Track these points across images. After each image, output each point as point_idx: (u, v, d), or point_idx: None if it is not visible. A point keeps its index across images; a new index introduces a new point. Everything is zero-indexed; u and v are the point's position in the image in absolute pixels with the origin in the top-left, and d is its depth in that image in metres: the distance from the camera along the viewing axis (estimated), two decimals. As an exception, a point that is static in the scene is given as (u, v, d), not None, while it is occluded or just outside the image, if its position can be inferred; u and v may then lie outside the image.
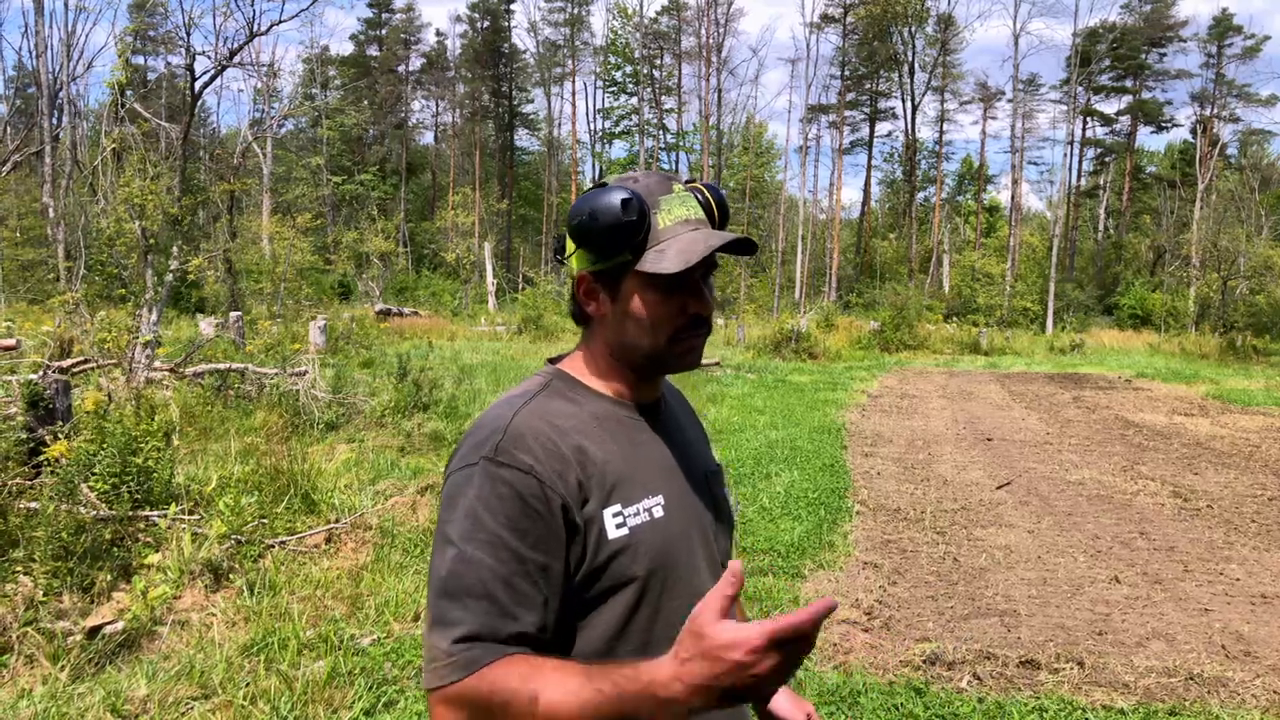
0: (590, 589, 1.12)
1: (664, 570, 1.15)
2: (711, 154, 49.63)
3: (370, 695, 3.37)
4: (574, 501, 1.09)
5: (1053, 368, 22.71)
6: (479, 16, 56.03)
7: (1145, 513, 6.91)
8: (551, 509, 1.07)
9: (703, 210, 1.23)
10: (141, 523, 4.62)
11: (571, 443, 1.12)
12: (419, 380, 9.77)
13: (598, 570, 1.11)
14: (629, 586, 1.13)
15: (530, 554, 1.05)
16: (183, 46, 25.52)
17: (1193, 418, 12.73)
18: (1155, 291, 40.73)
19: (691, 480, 1.26)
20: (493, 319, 29.44)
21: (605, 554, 1.11)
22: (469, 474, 1.09)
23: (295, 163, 45.71)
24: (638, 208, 1.14)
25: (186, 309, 26.02)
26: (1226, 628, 4.44)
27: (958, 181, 59.86)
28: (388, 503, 5.89)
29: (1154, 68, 51.12)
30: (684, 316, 1.18)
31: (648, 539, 1.14)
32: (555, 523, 1.08)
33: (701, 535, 1.24)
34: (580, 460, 1.12)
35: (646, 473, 1.19)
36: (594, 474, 1.12)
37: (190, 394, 8.58)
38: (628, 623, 1.13)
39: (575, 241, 1.19)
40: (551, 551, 1.07)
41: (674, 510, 1.20)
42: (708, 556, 1.24)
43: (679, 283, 1.17)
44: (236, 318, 15.48)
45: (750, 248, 1.19)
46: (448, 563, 1.05)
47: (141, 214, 9.51)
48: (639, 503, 1.15)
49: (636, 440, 1.21)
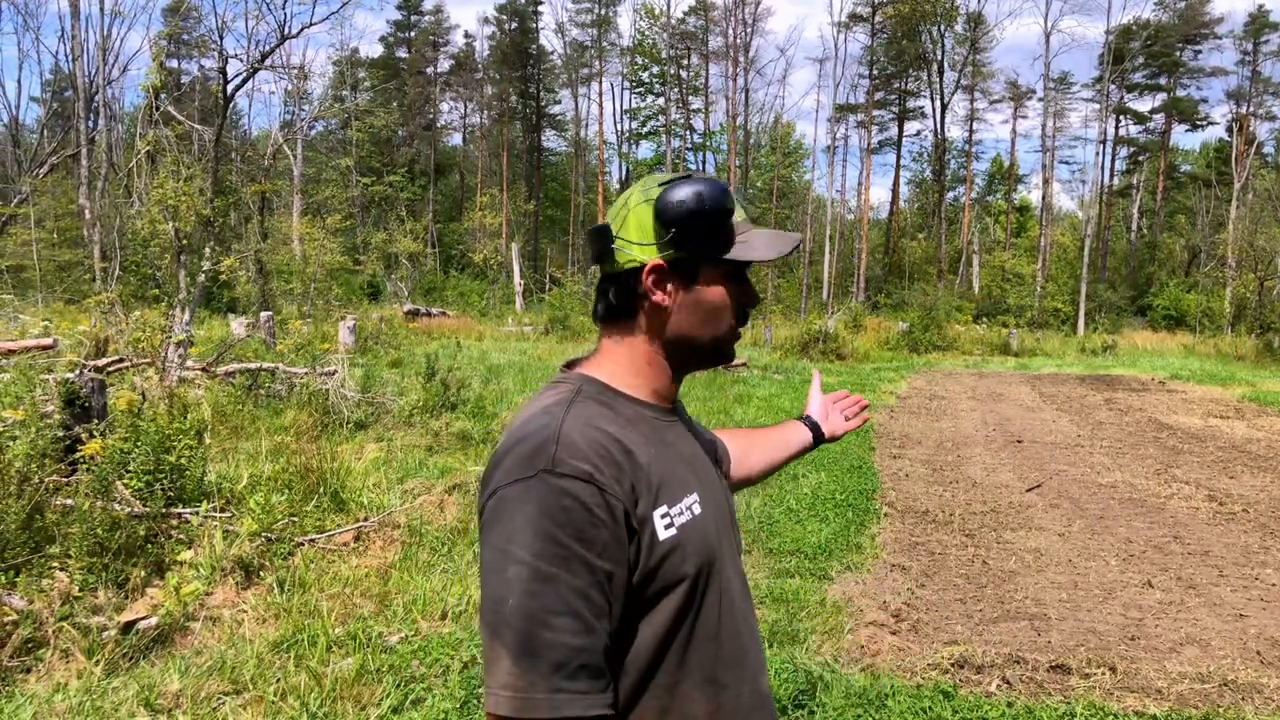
0: (644, 592, 1.11)
1: (708, 566, 1.17)
2: (739, 154, 49.52)
3: (398, 693, 3.39)
4: (631, 505, 1.09)
5: (1084, 369, 22.43)
6: (507, 18, 56.28)
7: (1179, 516, 6.81)
8: (615, 515, 1.07)
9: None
10: (174, 520, 4.69)
11: (621, 447, 1.12)
12: (447, 380, 9.83)
13: (650, 572, 1.11)
14: (680, 586, 1.12)
15: (600, 563, 1.05)
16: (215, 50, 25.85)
17: (1228, 420, 12.52)
18: (1190, 292, 40.10)
19: (710, 475, 1.30)
20: (520, 319, 29.54)
21: (657, 556, 1.11)
22: (527, 487, 1.06)
23: (325, 164, 46.15)
24: (730, 204, 1.22)
25: (218, 309, 26.35)
26: (1262, 633, 4.36)
27: (988, 181, 59.32)
28: (415, 502, 5.93)
29: (1188, 65, 50.33)
30: (742, 308, 1.26)
31: (693, 537, 1.15)
32: (620, 529, 1.07)
33: (728, 526, 1.28)
34: (630, 463, 1.11)
35: (681, 471, 1.20)
36: (642, 476, 1.12)
37: (222, 393, 8.69)
38: (677, 623, 1.13)
39: (671, 227, 1.18)
40: (617, 559, 1.07)
41: (708, 505, 1.22)
42: (729, 549, 1.26)
43: (744, 275, 1.26)
44: (267, 318, 15.65)
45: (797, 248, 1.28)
46: (524, 582, 1.02)
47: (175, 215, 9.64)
48: (681, 502, 1.16)
49: (667, 440, 1.22)
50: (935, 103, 50.84)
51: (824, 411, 1.85)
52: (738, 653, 1.21)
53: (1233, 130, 47.08)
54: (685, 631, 1.14)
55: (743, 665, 1.22)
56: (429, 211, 50.01)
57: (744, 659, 1.22)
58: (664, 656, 1.13)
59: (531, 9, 55.96)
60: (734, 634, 1.21)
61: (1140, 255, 48.19)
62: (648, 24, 52.07)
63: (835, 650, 4.03)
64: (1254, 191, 39.52)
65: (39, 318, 15.15)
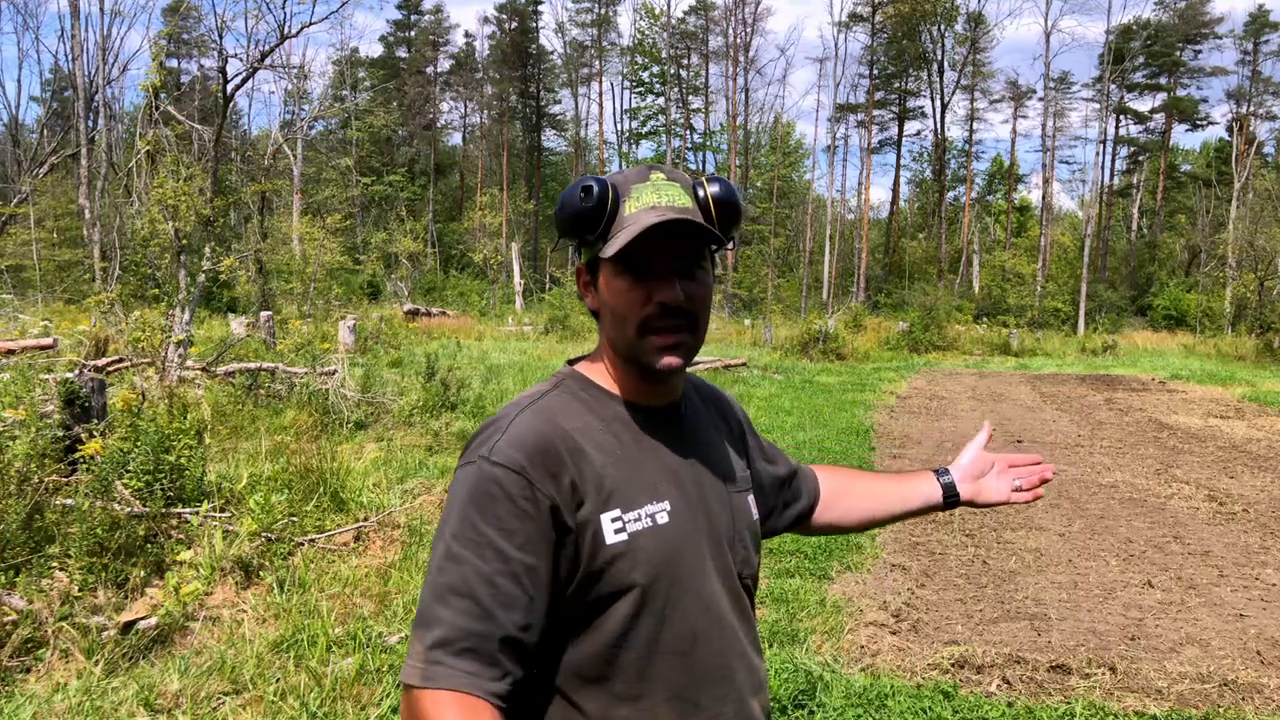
0: (588, 594, 1.11)
1: (668, 578, 1.14)
2: (739, 154, 49.53)
3: (398, 693, 3.39)
4: (565, 503, 1.09)
5: (1084, 369, 22.43)
6: (507, 18, 56.28)
7: (1179, 516, 6.81)
8: (539, 509, 1.07)
9: (693, 201, 1.18)
10: (174, 520, 4.68)
11: (570, 444, 1.12)
12: (447, 380, 9.83)
13: (594, 575, 1.10)
14: (629, 594, 1.11)
15: (516, 554, 1.05)
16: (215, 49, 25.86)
17: (1228, 420, 12.52)
18: (1190, 292, 40.11)
19: (704, 487, 1.22)
20: (520, 319, 29.55)
21: (602, 559, 1.10)
22: (467, 472, 1.10)
23: (325, 164, 46.18)
24: (599, 195, 1.13)
25: (218, 309, 26.35)
26: (1262, 634, 4.36)
27: (988, 181, 59.31)
28: (415, 501, 5.93)
29: (1189, 65, 50.35)
30: (652, 305, 1.13)
31: (649, 545, 1.12)
32: (544, 524, 1.07)
33: (713, 543, 1.20)
34: (577, 462, 1.11)
35: (652, 478, 1.16)
36: (590, 477, 1.11)
37: (222, 393, 8.69)
38: (629, 630, 1.12)
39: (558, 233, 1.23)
40: (539, 552, 1.07)
41: (681, 517, 1.17)
42: (720, 566, 1.20)
43: (645, 269, 1.13)
44: (267, 317, 15.65)
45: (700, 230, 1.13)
46: (438, 559, 1.07)
47: (175, 215, 9.64)
48: (641, 508, 1.13)
49: (644, 444, 1.19)
50: (935, 102, 50.92)
51: (976, 469, 1.59)
52: (720, 672, 1.17)
53: (1233, 130, 47.08)
54: (643, 644, 1.12)
55: (726, 685, 1.17)
56: (429, 211, 50.03)
57: (728, 679, 1.18)
58: (619, 665, 1.11)
59: (531, 9, 55.98)
60: (715, 653, 1.17)
61: (1140, 255, 48.19)
62: (648, 24, 52.13)
63: (835, 650, 4.03)
64: (1254, 191, 39.52)
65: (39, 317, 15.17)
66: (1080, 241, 43.41)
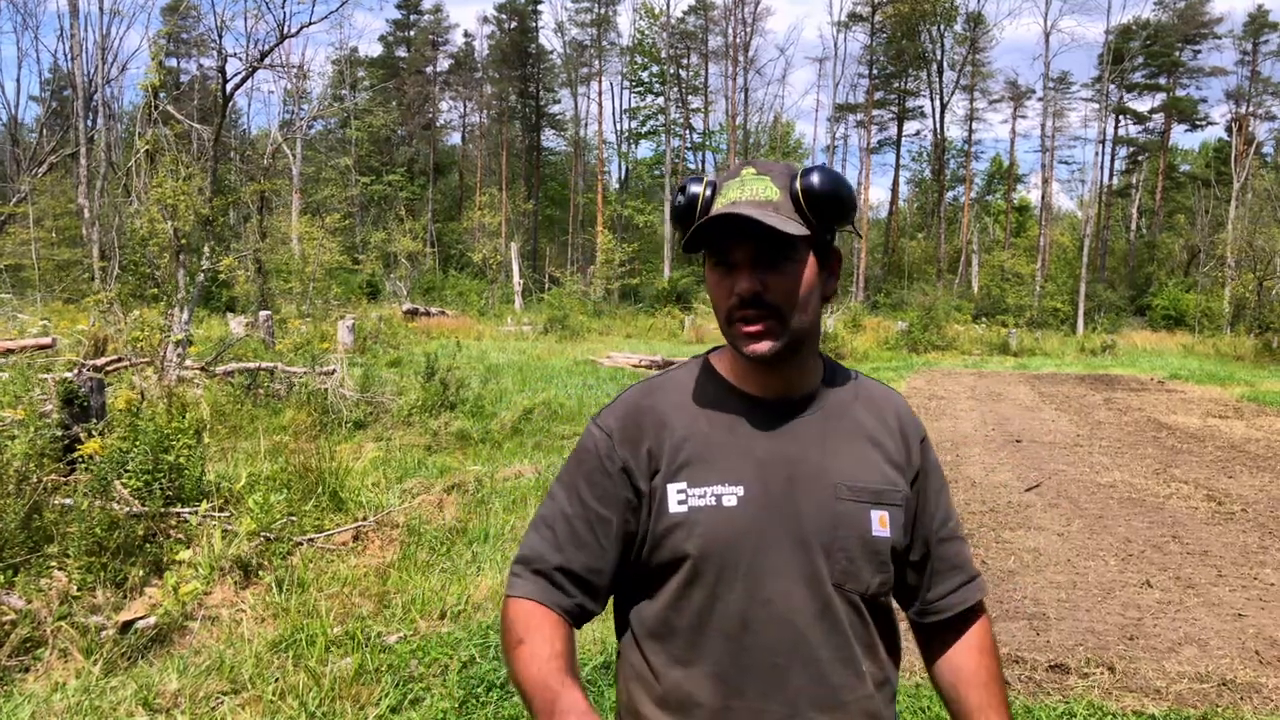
0: (653, 558, 1.22)
1: (720, 558, 1.18)
2: (738, 154, 49.52)
3: (397, 692, 3.39)
4: (639, 469, 1.22)
5: (1083, 369, 22.43)
6: (506, 17, 56.23)
7: (1178, 516, 6.81)
8: (614, 469, 1.23)
9: (783, 193, 1.19)
10: (173, 519, 4.69)
11: (658, 418, 1.24)
12: (446, 379, 9.82)
13: (657, 539, 1.21)
14: (683, 564, 1.19)
15: (594, 504, 1.23)
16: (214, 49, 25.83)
17: (1227, 420, 12.52)
18: (1189, 292, 40.09)
19: (799, 485, 1.21)
20: (519, 319, 29.54)
21: (663, 525, 1.20)
22: (585, 429, 1.29)
23: (324, 163, 46.14)
24: (689, 194, 1.23)
25: (217, 308, 26.33)
26: (1260, 633, 4.36)
27: (987, 181, 59.29)
28: (414, 501, 5.93)
29: (1188, 65, 50.32)
30: (734, 296, 1.18)
31: (706, 522, 1.18)
32: (617, 482, 1.23)
33: (793, 541, 1.19)
34: (658, 434, 1.23)
35: (733, 461, 1.21)
36: (668, 449, 1.22)
37: (221, 392, 8.69)
38: (681, 598, 1.20)
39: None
40: (612, 507, 1.22)
41: (753, 505, 1.19)
42: (801, 566, 1.19)
43: (728, 261, 1.19)
44: (266, 317, 15.64)
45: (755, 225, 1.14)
46: (548, 494, 1.28)
47: (174, 214, 9.63)
48: (709, 486, 1.20)
49: (738, 430, 1.23)
50: (935, 102, 50.88)
51: None
52: (769, 670, 1.18)
53: (1232, 130, 47.08)
54: (694, 614, 1.20)
55: (775, 686, 1.18)
56: (428, 211, 49.98)
57: (779, 680, 1.18)
58: (675, 629, 1.21)
59: (531, 8, 55.94)
60: (766, 648, 1.18)
61: (1139, 255, 48.20)
62: (647, 23, 52.04)
63: (834, 650, 4.02)
64: (1253, 191, 39.52)
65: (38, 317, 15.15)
66: (1079, 241, 43.42)
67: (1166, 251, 47.01)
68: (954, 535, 1.34)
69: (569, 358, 18.19)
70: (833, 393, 1.29)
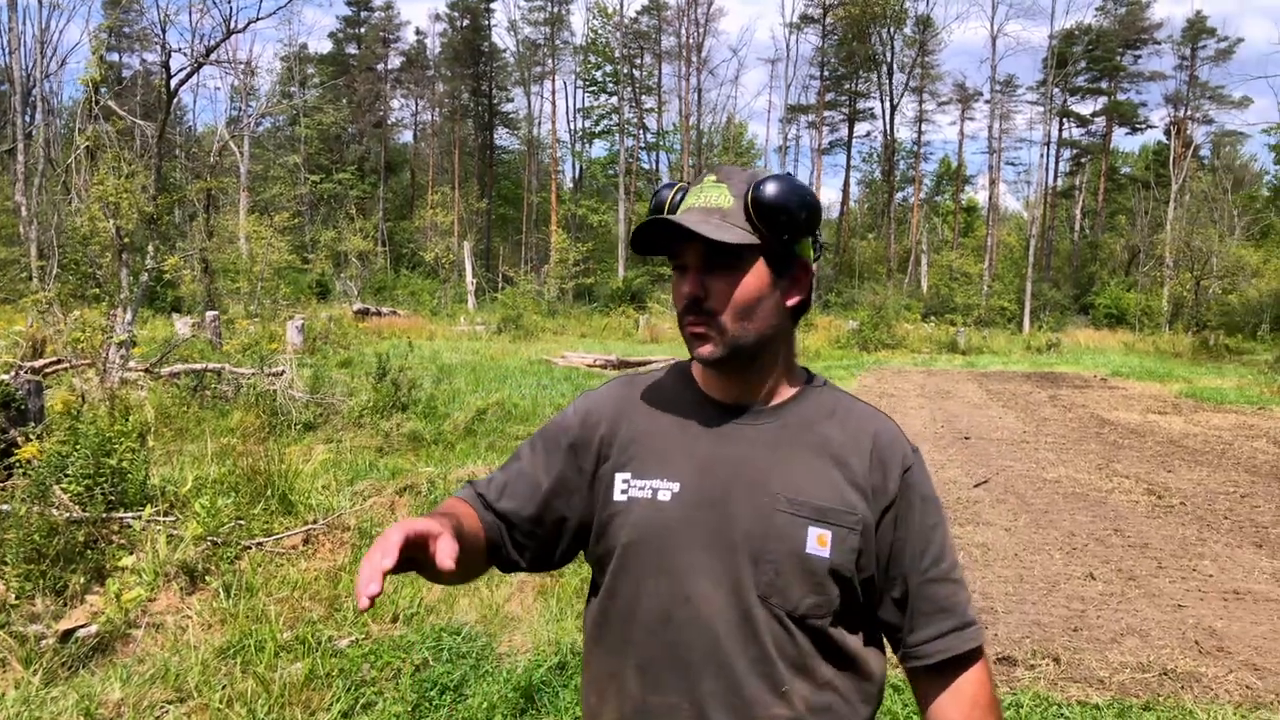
0: (597, 548, 1.27)
1: (643, 550, 1.20)
2: (692, 154, 49.68)
3: (348, 697, 3.35)
4: (589, 452, 1.29)
5: (1029, 366, 22.89)
6: (458, 15, 55.77)
7: (1120, 510, 6.98)
8: (564, 443, 1.31)
9: (735, 201, 1.20)
10: (115, 525, 4.57)
11: (619, 409, 1.31)
12: (398, 380, 9.71)
13: (601, 528, 1.26)
14: (615, 552, 1.23)
15: (536, 464, 1.31)
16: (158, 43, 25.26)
17: (1166, 416, 12.87)
18: (1130, 291, 41.14)
19: (735, 489, 1.19)
20: (472, 318, 29.34)
21: (606, 513, 1.25)
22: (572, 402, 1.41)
23: (273, 161, 45.37)
24: (655, 200, 1.29)
25: (162, 308, 25.79)
26: (1199, 623, 4.49)
27: (936, 181, 60.23)
28: (366, 503, 5.86)
29: (1129, 69, 51.62)
30: (682, 300, 1.22)
31: (639, 513, 1.21)
32: (562, 455, 1.30)
33: (722, 544, 1.17)
34: (615, 424, 1.29)
35: (675, 458, 1.23)
36: (621, 439, 1.27)
37: (166, 394, 8.51)
38: (614, 589, 1.24)
39: None
40: (550, 472, 1.30)
41: (685, 503, 1.19)
42: (723, 571, 1.17)
43: (682, 264, 1.23)
44: (213, 317, 15.34)
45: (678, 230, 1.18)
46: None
47: (116, 212, 9.42)
48: (648, 480, 1.23)
49: (689, 430, 1.25)
50: (885, 104, 51.54)
51: None
52: (684, 670, 1.17)
53: (1170, 133, 48.34)
54: (625, 605, 1.23)
55: (691, 687, 1.17)
56: (379, 209, 49.41)
57: (694, 681, 1.17)
58: (610, 622, 1.25)
59: (483, 6, 55.54)
60: (683, 646, 1.17)
61: (1083, 255, 49.30)
62: (601, 23, 51.99)
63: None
64: (1191, 193, 40.66)
65: (-28, 318, 14.68)
66: (1025, 241, 44.27)
67: (1108, 251, 48.17)
68: (945, 577, 1.22)
69: (523, 358, 18.11)
70: (801, 405, 1.27)
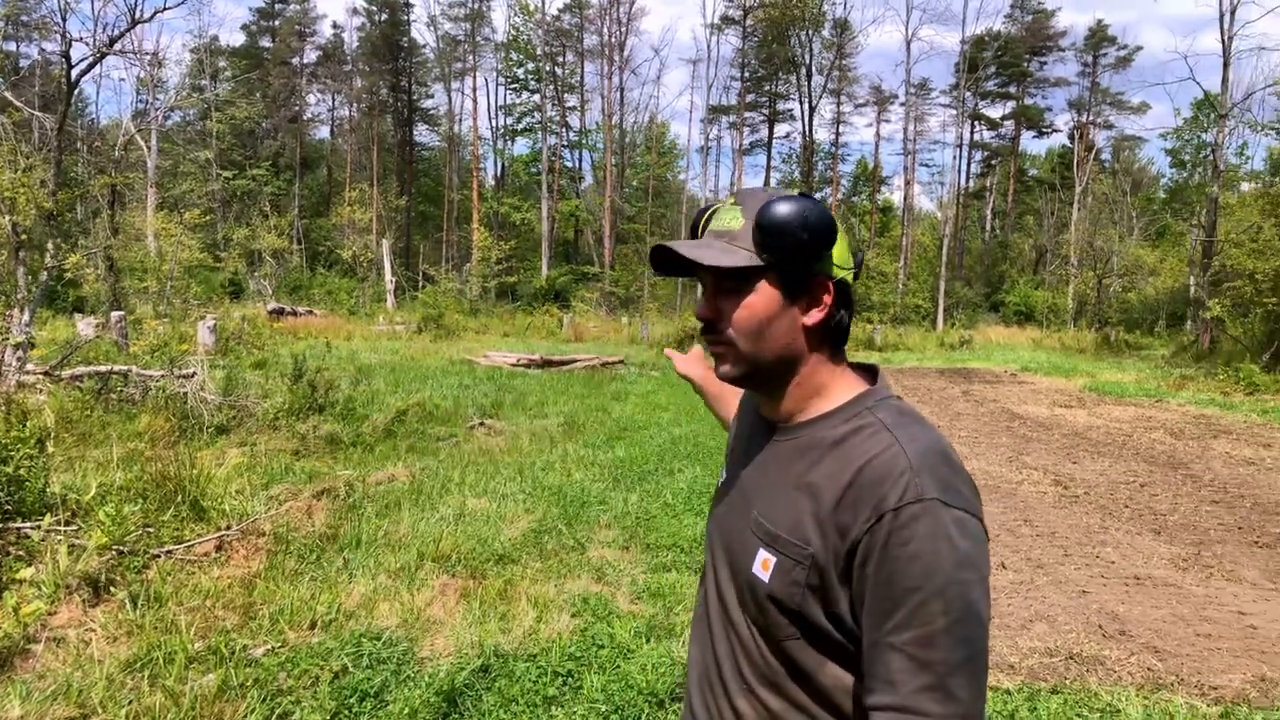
0: None
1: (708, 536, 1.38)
2: (615, 153, 49.70)
3: (264, 707, 3.26)
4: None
5: (943, 363, 23.53)
6: (376, 9, 54.72)
7: (1029, 501, 7.23)
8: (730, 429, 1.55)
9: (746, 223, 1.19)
10: (13, 535, 4.37)
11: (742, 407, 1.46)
12: (314, 381, 9.49)
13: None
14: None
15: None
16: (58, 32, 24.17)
17: (1072, 409, 13.37)
18: (1038, 289, 42.63)
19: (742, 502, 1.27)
20: (392, 318, 28.84)
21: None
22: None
23: (183, 156, 43.84)
24: (692, 223, 1.33)
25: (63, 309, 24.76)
26: (1103, 609, 4.67)
27: (853, 182, 61.44)
28: (282, 508, 5.71)
29: (1035, 75, 53.53)
30: (701, 322, 1.28)
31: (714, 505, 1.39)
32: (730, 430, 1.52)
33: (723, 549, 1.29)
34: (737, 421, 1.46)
35: (732, 463, 1.39)
36: (730, 435, 1.50)
37: (67, 398, 8.16)
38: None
39: None
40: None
41: (720, 504, 1.35)
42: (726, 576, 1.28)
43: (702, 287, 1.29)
44: (119, 318, 14.76)
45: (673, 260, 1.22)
46: None
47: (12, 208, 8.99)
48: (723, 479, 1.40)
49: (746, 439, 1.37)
50: (804, 106, 52.26)
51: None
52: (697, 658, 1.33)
53: (1074, 137, 50.26)
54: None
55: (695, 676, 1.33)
56: (295, 207, 48.21)
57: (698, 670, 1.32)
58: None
59: (402, 1, 54.64)
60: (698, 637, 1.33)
61: (993, 254, 50.88)
62: (522, 20, 51.64)
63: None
64: (1093, 195, 42.33)
65: None
66: (939, 241, 45.48)
67: (1017, 251, 49.83)
68: (894, 646, 1.03)
69: (444, 357, 17.88)
70: (820, 427, 1.20)
